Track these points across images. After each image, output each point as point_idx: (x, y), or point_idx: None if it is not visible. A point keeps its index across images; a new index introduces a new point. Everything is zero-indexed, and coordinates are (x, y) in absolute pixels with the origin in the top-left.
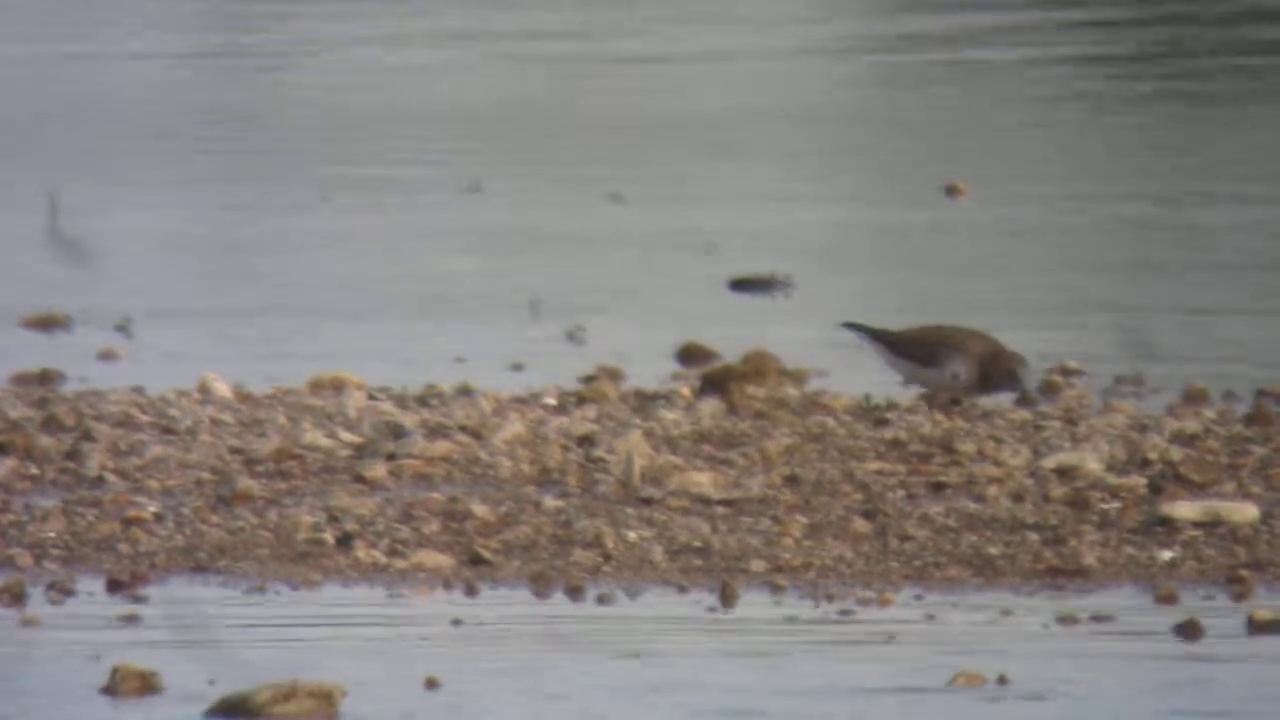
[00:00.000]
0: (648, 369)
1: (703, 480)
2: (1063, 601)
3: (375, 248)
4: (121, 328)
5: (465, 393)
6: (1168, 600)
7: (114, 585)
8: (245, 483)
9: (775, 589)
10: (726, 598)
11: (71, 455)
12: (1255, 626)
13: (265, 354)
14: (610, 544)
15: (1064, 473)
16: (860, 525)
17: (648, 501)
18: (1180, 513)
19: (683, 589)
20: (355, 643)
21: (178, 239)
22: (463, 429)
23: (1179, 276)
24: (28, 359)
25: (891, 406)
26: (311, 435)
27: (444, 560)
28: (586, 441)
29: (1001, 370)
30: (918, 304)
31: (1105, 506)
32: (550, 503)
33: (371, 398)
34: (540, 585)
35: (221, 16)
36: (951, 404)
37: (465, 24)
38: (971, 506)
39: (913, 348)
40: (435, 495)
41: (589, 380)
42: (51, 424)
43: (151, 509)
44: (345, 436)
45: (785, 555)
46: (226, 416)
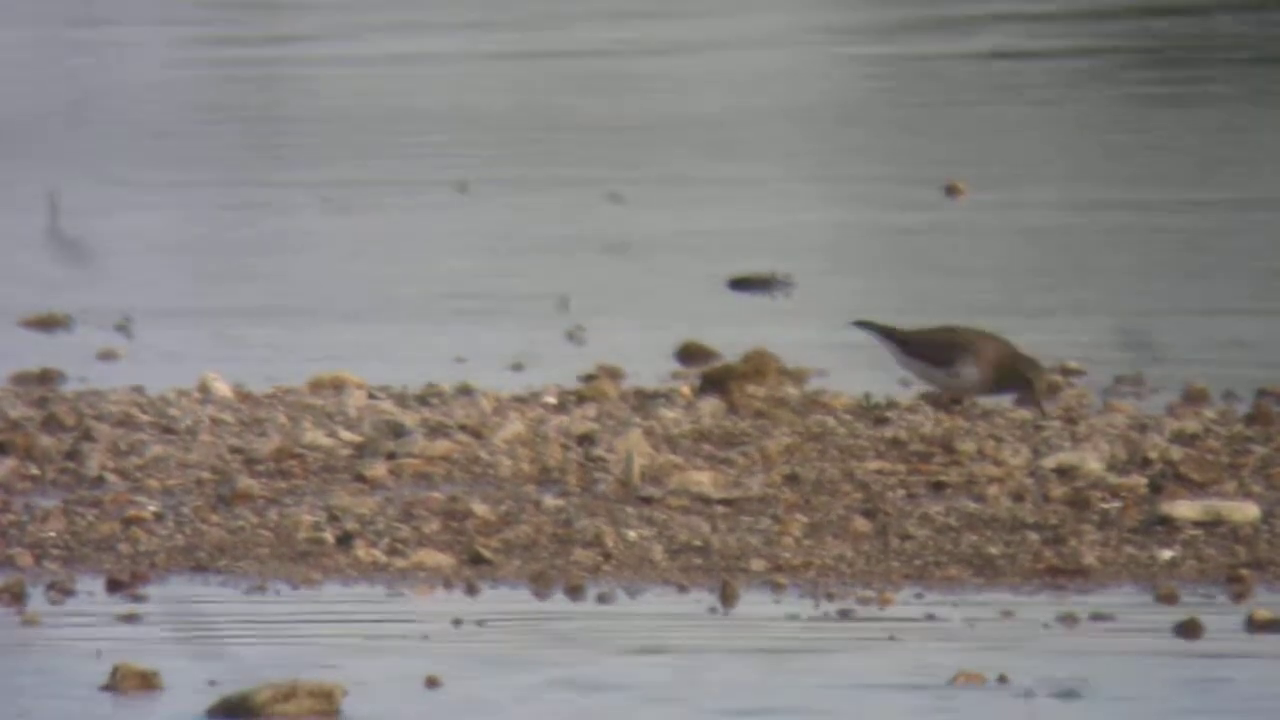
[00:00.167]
0: (648, 368)
1: (703, 479)
2: (1063, 601)
3: (375, 247)
4: (121, 328)
5: (465, 392)
6: (1168, 600)
7: (114, 585)
8: (245, 482)
9: (775, 588)
10: (727, 597)
11: (71, 455)
12: (1256, 626)
13: (265, 354)
14: (610, 543)
15: (1064, 472)
16: (860, 524)
17: (648, 501)
18: (1180, 512)
19: (683, 588)
20: (355, 642)
21: (178, 239)
22: (463, 428)
23: (1179, 276)
24: (28, 359)
25: (891, 406)
26: (312, 434)
27: (444, 559)
28: (586, 440)
29: (1015, 375)
30: (918, 304)
31: (1105, 506)
32: (550, 502)
33: (372, 397)
34: (540, 584)
35: (222, 16)
36: (951, 403)
37: (465, 24)
38: (972, 506)
39: (925, 348)
40: (435, 494)
41: (589, 379)
42: (51, 424)
43: (151, 509)
44: (345, 436)
45: (785, 554)
46: (226, 416)
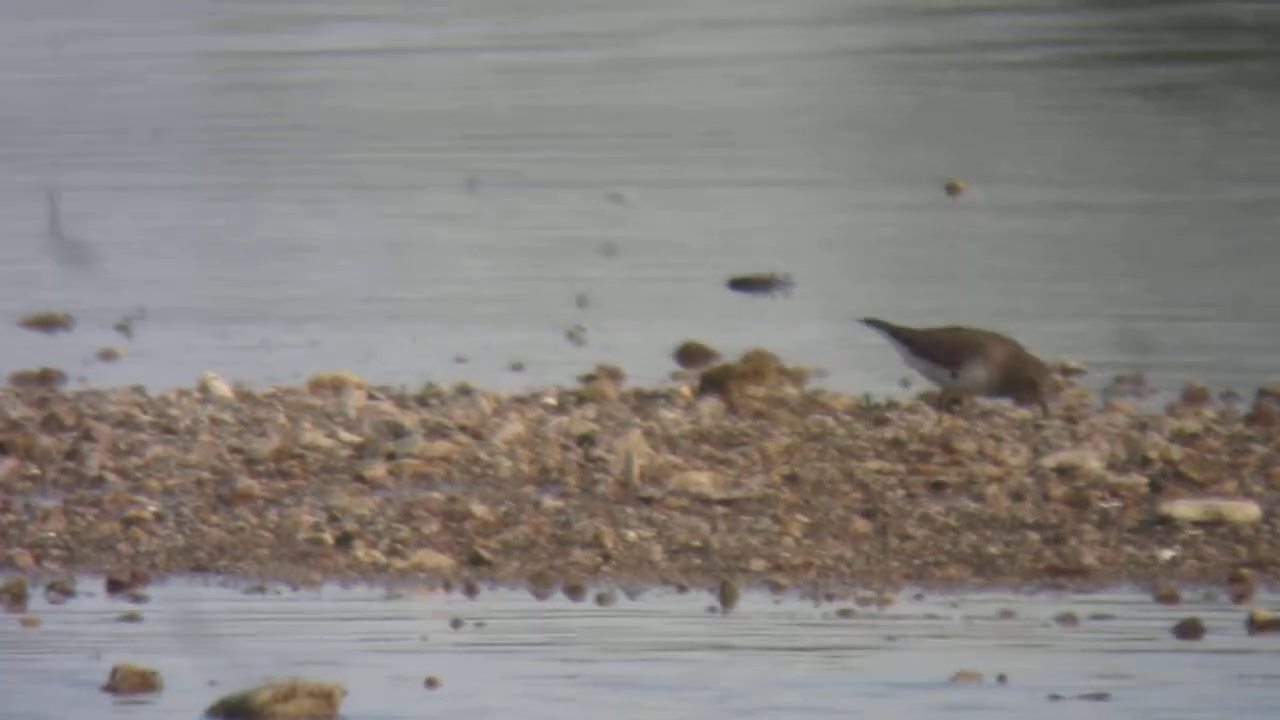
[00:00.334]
0: (647, 369)
1: (702, 480)
2: (1063, 601)
3: (376, 247)
4: (121, 328)
5: (465, 392)
6: (1168, 599)
7: (114, 585)
8: (245, 482)
9: (775, 588)
10: (726, 597)
11: (71, 455)
12: (1256, 626)
13: (265, 354)
14: (610, 544)
15: (1064, 472)
16: (860, 525)
17: (647, 501)
18: (1181, 512)
19: (682, 588)
20: (355, 643)
21: (178, 239)
22: (463, 429)
23: (1179, 275)
24: (28, 359)
25: (891, 406)
26: (311, 435)
27: (444, 560)
28: (586, 441)
29: (1022, 377)
30: (918, 303)
31: (1105, 505)
32: (550, 502)
33: (371, 397)
34: (540, 585)
35: (223, 16)
36: (951, 403)
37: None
38: (971, 506)
39: (933, 348)
40: (435, 495)
41: (589, 380)
42: (51, 424)
43: (151, 509)
44: (345, 436)
45: (785, 554)
46: (226, 416)
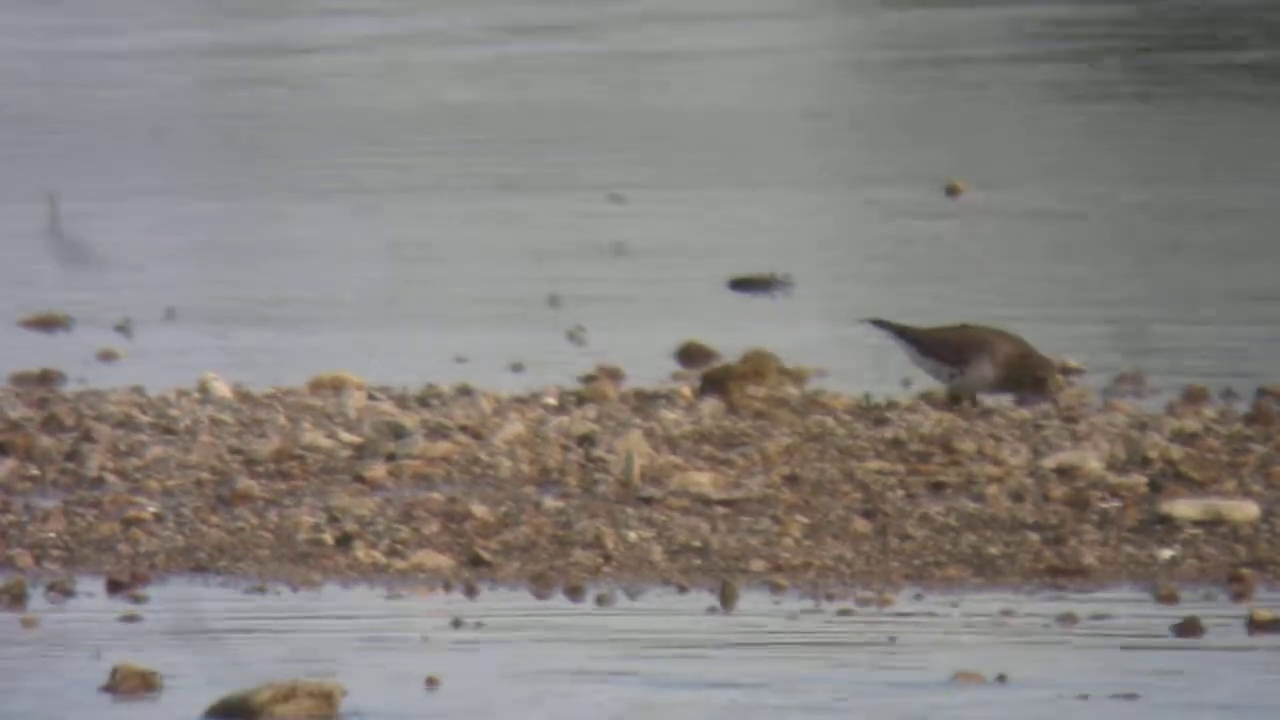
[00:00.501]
0: (648, 369)
1: (703, 480)
2: (1063, 601)
3: (376, 247)
4: (121, 328)
5: (465, 393)
6: (1168, 599)
7: (114, 585)
8: (245, 483)
9: (775, 589)
10: (726, 597)
11: (71, 455)
12: (1256, 625)
13: (265, 354)
14: (610, 544)
15: (1064, 472)
16: (860, 525)
17: (648, 501)
18: (1180, 511)
19: (683, 589)
20: (355, 643)
21: (178, 239)
22: (463, 429)
23: (1179, 275)
24: (28, 359)
25: (891, 406)
26: (311, 435)
27: (444, 561)
28: (586, 441)
29: (1028, 376)
30: (918, 303)
31: (1105, 505)
32: (550, 503)
33: (371, 398)
34: (540, 586)
35: (223, 16)
36: (952, 403)
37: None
38: (971, 506)
39: (940, 348)
40: (435, 495)
41: (589, 380)
42: (51, 424)
43: (151, 509)
44: (345, 436)
45: (785, 555)
46: (226, 416)
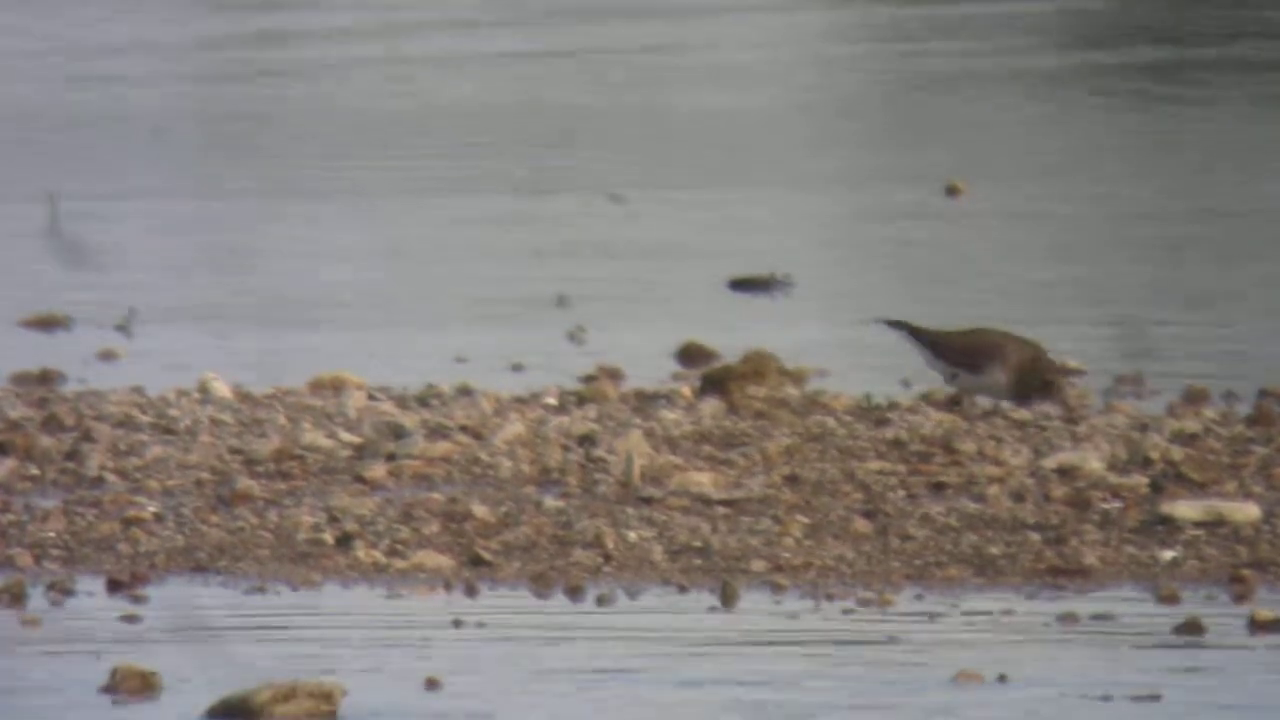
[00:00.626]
0: (648, 369)
1: (703, 480)
2: (1063, 601)
3: (376, 247)
4: (121, 328)
5: (465, 393)
6: (1169, 600)
7: (114, 585)
8: (245, 483)
9: (776, 589)
10: (727, 598)
11: (71, 455)
12: (1257, 626)
13: (265, 354)
14: (610, 544)
15: (1065, 472)
16: (861, 525)
17: (648, 501)
18: (1181, 512)
19: (683, 589)
20: (355, 643)
21: (178, 239)
22: (463, 429)
23: (1180, 276)
24: (28, 359)
25: (892, 406)
26: (311, 435)
27: (444, 561)
28: (587, 441)
29: (1037, 381)
30: (918, 304)
31: (1106, 506)
32: (550, 503)
33: (371, 398)
34: (540, 586)
35: (223, 15)
36: (952, 403)
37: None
38: (972, 506)
39: (954, 352)
40: (435, 495)
41: (589, 380)
42: (51, 424)
43: (151, 509)
44: (345, 437)
45: (786, 555)
46: (226, 416)
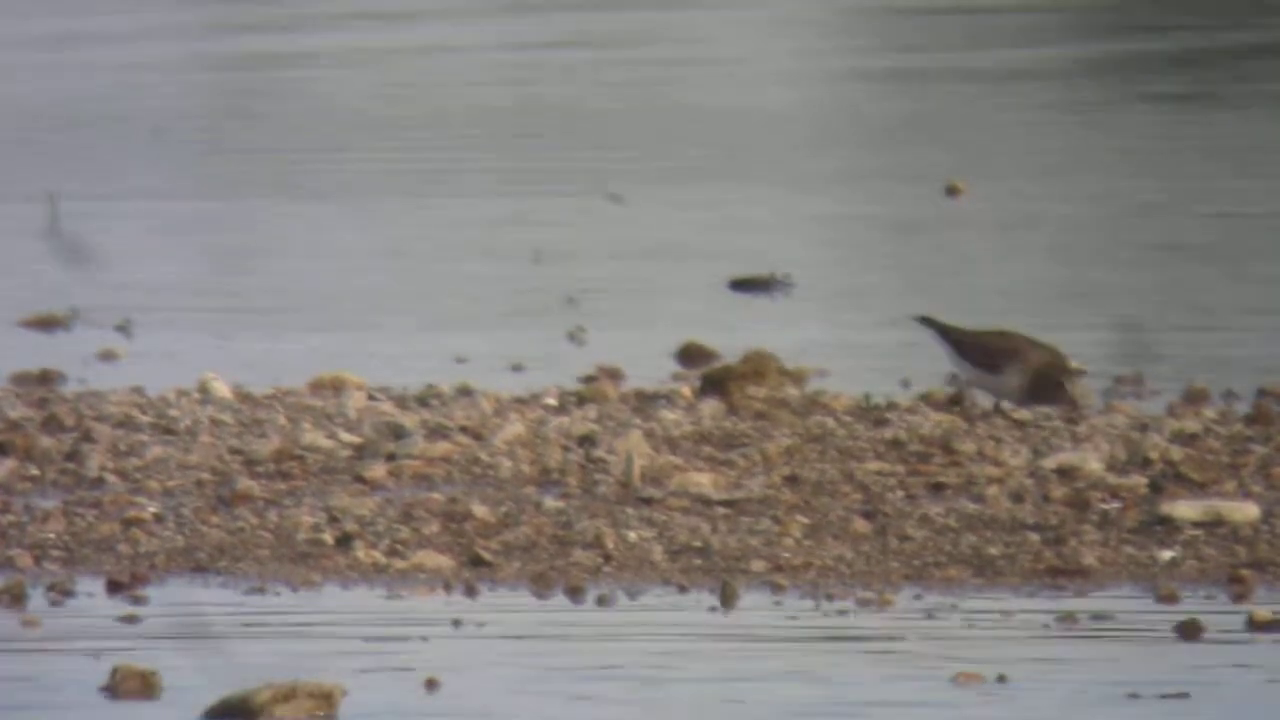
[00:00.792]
0: (648, 369)
1: (703, 480)
2: (1063, 601)
3: (376, 248)
4: (121, 328)
5: (465, 393)
6: (1168, 600)
7: (114, 586)
8: (245, 483)
9: (775, 589)
10: (726, 598)
11: (71, 456)
12: (1256, 626)
13: (265, 354)
14: (610, 544)
15: (1064, 473)
16: (860, 525)
17: (648, 502)
18: (1181, 512)
19: (683, 589)
20: (355, 643)
21: (178, 239)
22: (463, 429)
23: (1179, 276)
24: (28, 359)
25: (891, 406)
26: (311, 436)
27: (444, 561)
28: (587, 442)
29: (1051, 385)
30: (918, 304)
31: (1105, 506)
32: (550, 503)
33: (371, 398)
34: (540, 586)
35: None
36: (951, 404)
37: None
38: (971, 507)
39: (975, 352)
40: (435, 496)
41: (589, 380)
42: (51, 424)
43: (151, 510)
44: (345, 437)
45: (785, 555)
46: (226, 417)
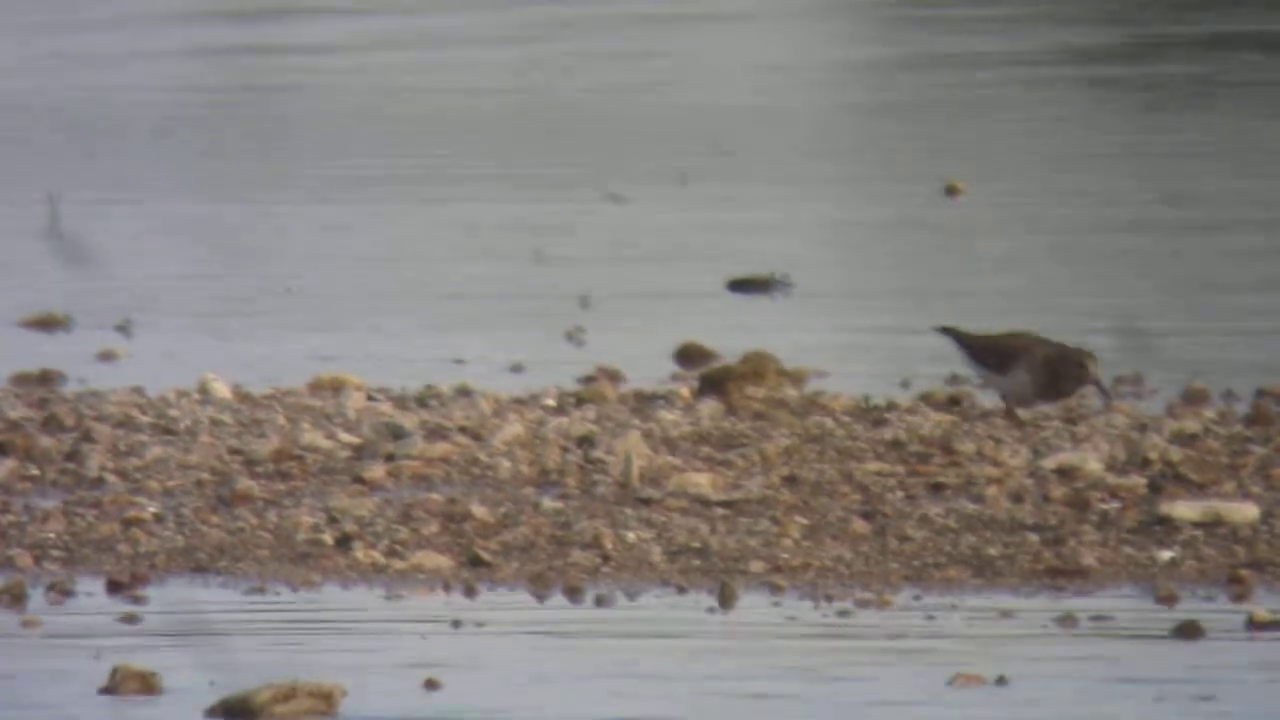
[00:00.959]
0: (647, 370)
1: (701, 481)
2: (1062, 601)
3: (376, 248)
4: (121, 328)
5: (465, 393)
6: (1167, 600)
7: (114, 585)
8: (245, 483)
9: (774, 589)
10: (725, 598)
11: (71, 456)
12: (1255, 626)
13: (265, 354)
14: (609, 545)
15: (1064, 473)
16: (859, 526)
17: (647, 502)
18: (1180, 513)
19: (682, 590)
20: (355, 643)
21: (177, 239)
22: (462, 430)
23: (1179, 276)
24: (28, 359)
25: (890, 407)
26: (311, 436)
27: (443, 561)
28: (585, 442)
29: (1069, 367)
30: (918, 304)
31: (1105, 506)
32: (549, 504)
33: (371, 398)
34: (539, 586)
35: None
36: (951, 404)
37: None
38: (971, 507)
39: (986, 355)
40: (434, 496)
41: (588, 381)
42: (51, 424)
43: (151, 510)
44: (344, 437)
45: (784, 556)
46: (226, 417)
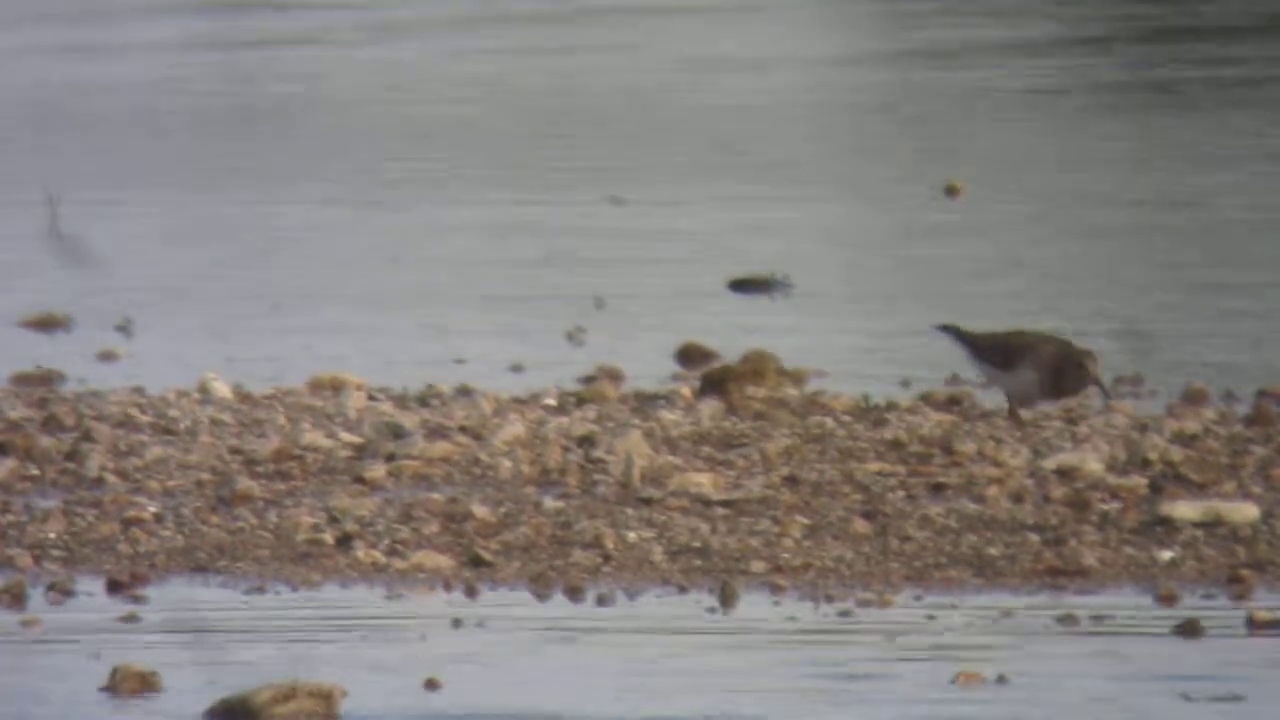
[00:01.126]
0: (648, 370)
1: (702, 481)
2: (1063, 601)
3: (376, 248)
4: (121, 328)
5: (465, 393)
6: (1168, 600)
7: (114, 585)
8: (245, 483)
9: (775, 589)
10: (726, 598)
11: (71, 456)
12: (1255, 626)
13: (265, 354)
14: (610, 544)
15: (1064, 473)
16: (860, 526)
17: (647, 502)
18: (1180, 513)
19: (683, 589)
20: (355, 643)
21: (178, 239)
22: (463, 430)
23: (1179, 276)
24: (28, 359)
25: (891, 407)
26: (311, 436)
27: (444, 561)
28: (586, 442)
29: (1070, 367)
30: (918, 305)
31: (1105, 507)
32: (550, 503)
33: (371, 398)
34: (540, 586)
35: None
36: (952, 404)
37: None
38: (971, 507)
39: (989, 353)
40: (435, 496)
41: (589, 381)
42: (51, 424)
43: (151, 509)
44: (345, 437)
45: (785, 556)
46: (226, 417)
